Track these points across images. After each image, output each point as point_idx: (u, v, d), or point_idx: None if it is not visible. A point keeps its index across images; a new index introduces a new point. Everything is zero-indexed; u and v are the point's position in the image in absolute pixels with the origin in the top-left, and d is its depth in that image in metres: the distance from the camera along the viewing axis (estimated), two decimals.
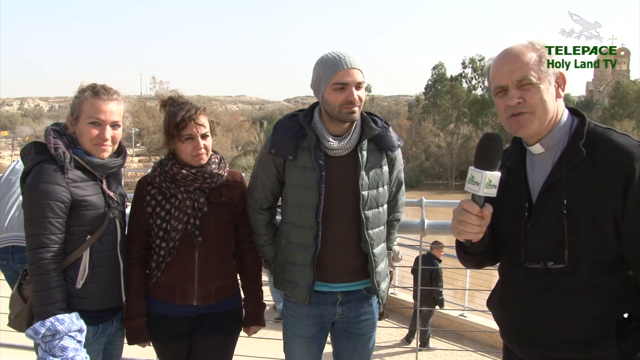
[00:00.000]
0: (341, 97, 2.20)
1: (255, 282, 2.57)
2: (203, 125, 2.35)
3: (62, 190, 2.10)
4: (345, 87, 2.20)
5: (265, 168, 2.38)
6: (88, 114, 2.18)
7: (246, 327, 2.57)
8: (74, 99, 2.22)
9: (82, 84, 2.26)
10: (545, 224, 1.65)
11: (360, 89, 2.23)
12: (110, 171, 2.29)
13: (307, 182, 2.26)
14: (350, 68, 2.20)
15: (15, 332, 2.31)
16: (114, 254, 2.28)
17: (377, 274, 2.36)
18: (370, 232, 2.32)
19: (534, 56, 1.64)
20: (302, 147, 2.29)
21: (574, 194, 1.60)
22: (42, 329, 2.01)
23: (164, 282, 2.35)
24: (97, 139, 2.20)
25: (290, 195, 2.34)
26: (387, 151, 2.35)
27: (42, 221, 2.07)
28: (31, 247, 2.08)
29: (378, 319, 2.56)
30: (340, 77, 2.20)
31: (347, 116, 2.23)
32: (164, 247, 2.32)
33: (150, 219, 2.35)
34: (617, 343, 1.58)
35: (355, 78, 2.21)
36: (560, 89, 1.68)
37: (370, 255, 2.33)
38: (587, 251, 1.59)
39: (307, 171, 2.27)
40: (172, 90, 2.50)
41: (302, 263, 2.31)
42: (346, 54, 2.23)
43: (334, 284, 2.36)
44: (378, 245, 2.37)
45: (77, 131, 2.22)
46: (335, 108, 2.23)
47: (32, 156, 2.19)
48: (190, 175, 2.34)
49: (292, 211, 2.33)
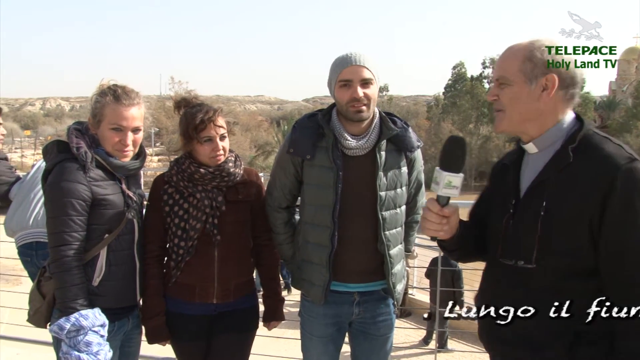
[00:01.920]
0: (347, 95, 2.21)
1: (273, 278, 2.60)
2: (222, 127, 2.36)
3: (84, 188, 2.13)
4: (350, 84, 2.21)
5: (283, 167, 2.40)
6: (110, 120, 2.21)
7: (266, 322, 2.60)
8: (95, 102, 2.24)
9: (102, 83, 2.29)
10: (524, 223, 1.66)
11: (367, 87, 2.22)
12: (130, 173, 2.33)
13: (324, 181, 2.27)
14: (355, 65, 2.20)
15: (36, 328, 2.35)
16: (130, 253, 2.31)
17: (393, 275, 2.37)
18: (387, 233, 2.32)
19: (520, 56, 1.65)
20: (320, 146, 2.30)
21: (554, 197, 1.59)
22: (67, 325, 2.06)
23: (184, 281, 2.37)
24: (119, 145, 2.23)
25: (307, 195, 2.35)
26: (406, 152, 2.35)
27: (64, 219, 2.10)
28: (53, 245, 2.12)
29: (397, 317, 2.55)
30: (345, 74, 2.21)
31: (354, 115, 2.23)
32: (182, 246, 2.34)
33: (167, 218, 2.37)
34: (570, 352, 1.57)
35: (360, 75, 2.21)
36: (546, 92, 1.63)
37: (387, 256, 2.33)
38: (557, 255, 1.58)
39: (324, 171, 2.28)
40: (187, 91, 2.51)
41: (318, 262, 2.32)
42: (355, 53, 2.24)
43: (351, 284, 2.37)
44: (395, 246, 2.37)
45: (99, 134, 2.25)
46: (343, 106, 2.24)
47: (54, 154, 2.23)
48: (208, 174, 2.35)
49: (310, 210, 2.34)
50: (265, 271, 2.59)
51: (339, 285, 2.36)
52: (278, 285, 2.62)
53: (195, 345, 2.42)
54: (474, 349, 7.61)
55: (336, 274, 2.33)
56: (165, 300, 2.40)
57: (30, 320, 2.31)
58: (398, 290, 2.42)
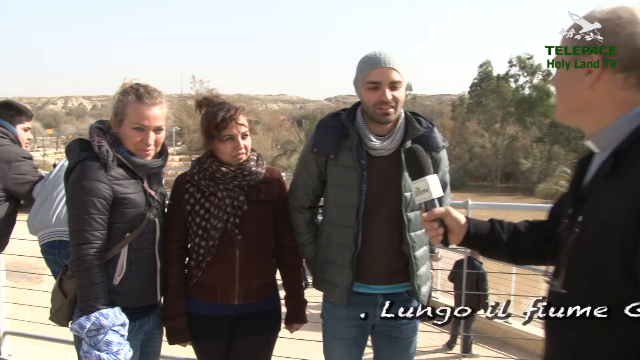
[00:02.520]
0: (374, 97, 2.19)
1: (295, 280, 2.59)
2: (244, 125, 2.36)
3: (105, 187, 2.15)
4: (378, 86, 2.19)
5: (307, 166, 2.39)
6: (132, 119, 2.22)
7: (288, 324, 2.59)
8: (117, 101, 2.26)
9: (124, 82, 2.30)
10: (567, 237, 1.35)
11: (396, 90, 2.20)
12: (151, 171, 2.33)
13: (348, 181, 2.26)
14: (384, 67, 2.18)
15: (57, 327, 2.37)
16: (151, 252, 2.31)
17: (417, 277, 2.33)
18: (412, 235, 2.29)
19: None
20: (345, 146, 2.28)
21: (591, 211, 1.27)
22: (88, 324, 2.07)
23: (205, 281, 2.37)
24: (141, 144, 2.24)
25: (331, 194, 2.34)
26: (432, 152, 2.31)
27: (86, 217, 2.12)
28: (75, 243, 2.14)
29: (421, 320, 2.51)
30: (373, 76, 2.19)
31: (380, 117, 2.21)
32: (203, 245, 2.34)
33: (189, 217, 2.38)
34: None
35: (389, 77, 2.18)
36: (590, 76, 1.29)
37: (412, 257, 2.30)
38: (584, 281, 1.27)
39: (349, 170, 2.26)
40: (208, 90, 2.51)
41: (342, 263, 2.30)
42: (383, 53, 2.21)
43: (374, 286, 2.34)
44: (420, 248, 2.34)
45: (120, 133, 2.26)
46: (369, 107, 2.22)
47: (76, 153, 2.25)
48: (229, 173, 2.35)
49: (333, 210, 2.33)
50: (288, 272, 2.58)
51: (362, 286, 2.33)
52: (301, 287, 2.61)
53: (216, 346, 2.42)
54: (499, 354, 7.51)
55: (360, 275, 2.30)
56: (186, 300, 2.40)
57: (52, 319, 2.33)
58: (423, 292, 2.39)
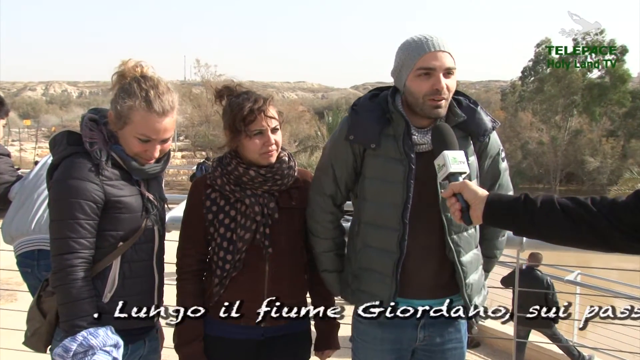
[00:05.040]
0: (426, 85, 2.18)
1: (328, 299, 2.59)
2: (274, 118, 2.36)
3: (95, 188, 2.13)
4: (432, 73, 2.17)
5: (339, 157, 2.37)
6: (137, 129, 2.18)
7: (318, 350, 2.59)
8: (120, 99, 2.19)
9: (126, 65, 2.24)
10: None
11: (449, 77, 2.20)
12: (148, 177, 2.34)
13: (391, 176, 2.24)
14: (437, 51, 2.17)
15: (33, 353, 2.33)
16: (148, 265, 2.32)
17: (467, 286, 2.30)
18: (455, 237, 2.27)
19: None
20: (387, 134, 2.27)
21: None
22: (73, 345, 2.04)
23: (228, 300, 2.36)
24: (143, 154, 2.23)
25: (369, 190, 2.31)
26: (480, 137, 2.29)
27: (71, 222, 2.10)
28: (57, 252, 2.12)
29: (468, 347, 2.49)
30: (425, 61, 2.18)
31: (431, 110, 2.20)
32: (229, 260, 2.34)
33: (210, 228, 2.38)
34: None
35: (444, 62, 2.17)
36: None
37: (457, 264, 2.27)
38: None
39: (392, 163, 2.24)
40: (228, 79, 2.49)
41: (382, 271, 2.27)
42: (434, 36, 2.20)
43: (416, 300, 2.31)
44: (467, 252, 2.31)
45: (120, 135, 2.23)
46: (418, 99, 2.20)
47: (63, 147, 2.22)
48: (258, 177, 2.35)
49: (371, 208, 2.31)
50: (319, 291, 2.57)
51: (403, 301, 2.30)
52: None
53: None
54: None
55: (401, 287, 2.28)
56: (204, 322, 2.40)
57: (27, 343, 2.31)
58: (477, 305, 2.34)
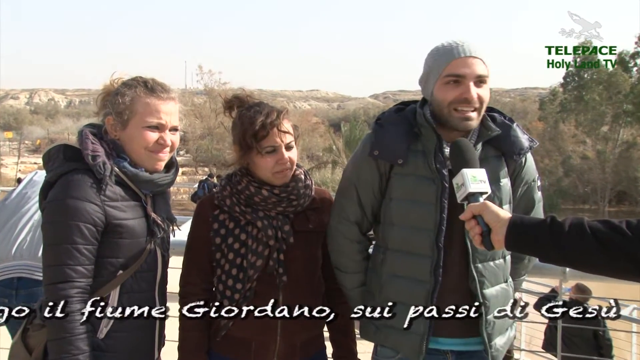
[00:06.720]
0: (453, 94, 2.19)
1: (347, 334, 2.58)
2: (289, 133, 2.37)
3: (96, 209, 2.14)
4: (461, 81, 2.19)
5: (363, 177, 2.37)
6: (143, 117, 2.23)
7: None
8: (118, 96, 2.25)
9: (118, 77, 2.30)
10: None
11: (480, 87, 2.20)
12: (159, 189, 2.35)
13: (422, 196, 2.24)
14: (468, 56, 2.19)
15: None
16: (150, 295, 2.32)
17: (487, 323, 2.27)
18: (479, 267, 2.26)
19: None
20: (415, 150, 2.28)
21: None
22: None
23: (237, 334, 2.37)
24: (156, 145, 2.25)
25: (396, 212, 2.31)
26: (514, 155, 2.29)
27: (68, 247, 2.10)
28: (51, 281, 2.12)
29: None
30: (454, 68, 2.19)
31: (458, 121, 2.20)
32: (239, 289, 2.34)
33: (217, 253, 2.39)
34: None
35: (475, 70, 2.19)
36: None
37: (479, 296, 2.25)
38: None
39: (422, 182, 2.25)
40: (236, 87, 2.51)
41: (414, 303, 2.26)
42: (464, 41, 2.22)
43: (444, 339, 2.30)
44: (493, 285, 2.30)
45: (124, 137, 2.27)
46: (444, 108, 2.21)
47: (59, 162, 2.22)
48: (272, 197, 2.36)
49: (399, 234, 2.31)
50: (338, 325, 2.56)
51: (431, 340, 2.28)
52: (354, 343, 2.60)
53: None
54: None
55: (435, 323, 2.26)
56: (210, 358, 2.40)
57: None
58: (496, 347, 2.32)
